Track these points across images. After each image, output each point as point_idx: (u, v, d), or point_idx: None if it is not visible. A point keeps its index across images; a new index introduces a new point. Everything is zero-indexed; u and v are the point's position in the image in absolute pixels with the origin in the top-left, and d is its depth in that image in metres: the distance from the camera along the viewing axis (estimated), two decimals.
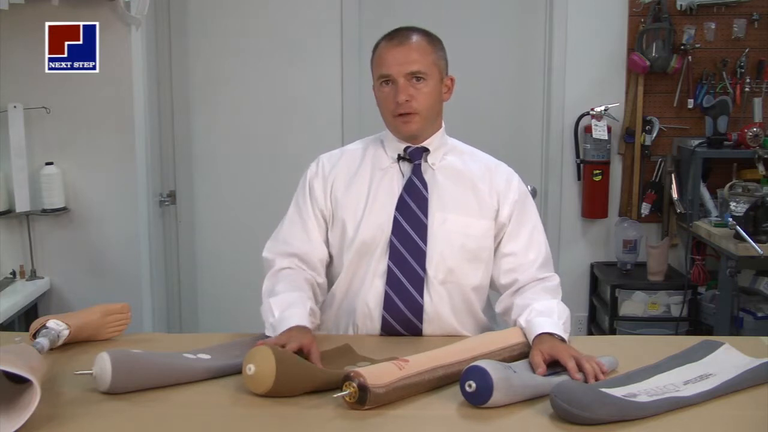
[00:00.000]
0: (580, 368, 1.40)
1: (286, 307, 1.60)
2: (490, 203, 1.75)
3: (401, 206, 1.71)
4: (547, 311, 1.59)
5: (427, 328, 1.71)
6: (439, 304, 1.71)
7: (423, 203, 1.72)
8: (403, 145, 1.76)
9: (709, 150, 3.44)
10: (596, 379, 1.38)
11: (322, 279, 1.78)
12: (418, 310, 1.70)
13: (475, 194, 1.75)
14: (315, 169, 1.81)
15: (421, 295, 1.70)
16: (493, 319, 1.82)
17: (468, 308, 1.75)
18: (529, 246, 1.75)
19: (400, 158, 1.77)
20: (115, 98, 2.81)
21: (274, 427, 1.24)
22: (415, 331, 1.72)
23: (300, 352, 1.44)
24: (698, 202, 3.45)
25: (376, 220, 1.72)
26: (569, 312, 1.64)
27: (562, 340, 1.51)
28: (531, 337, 1.54)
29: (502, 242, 1.76)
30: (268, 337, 1.58)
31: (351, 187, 1.76)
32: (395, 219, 1.71)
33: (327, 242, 1.79)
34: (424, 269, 1.70)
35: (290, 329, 1.53)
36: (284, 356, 1.31)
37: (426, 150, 1.76)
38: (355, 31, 3.61)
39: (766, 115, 3.56)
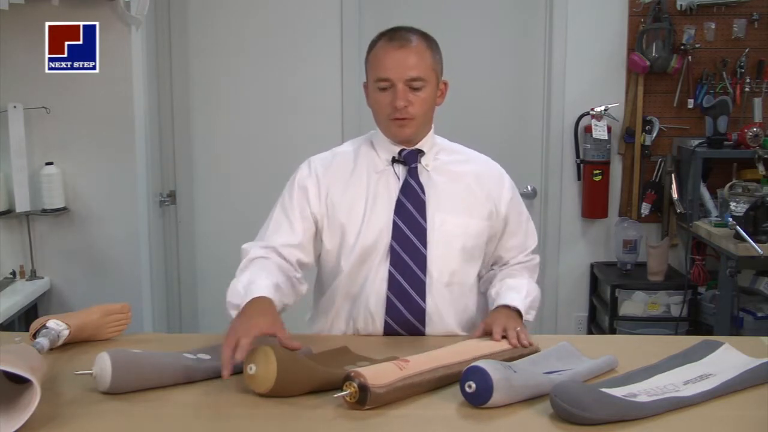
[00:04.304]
0: (505, 335, 1.53)
1: (248, 284, 1.52)
2: (485, 204, 1.77)
3: (399, 210, 1.70)
4: (517, 287, 1.71)
5: (429, 330, 1.72)
6: (441, 306, 1.72)
7: (421, 206, 1.71)
8: (397, 148, 1.75)
9: (709, 150, 3.44)
10: (522, 345, 1.52)
11: (299, 274, 1.71)
12: (420, 313, 1.70)
13: (469, 194, 1.77)
14: (308, 171, 1.76)
15: (424, 299, 1.70)
16: (481, 315, 1.82)
17: (466, 307, 1.77)
18: (526, 238, 1.86)
19: (394, 160, 1.76)
20: (115, 98, 2.80)
21: (274, 427, 1.24)
22: (417, 334, 1.71)
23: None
24: (698, 202, 3.45)
25: (377, 225, 1.70)
26: (539, 292, 1.79)
27: (519, 313, 1.64)
28: (493, 307, 1.68)
29: (504, 238, 1.82)
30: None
31: (348, 191, 1.73)
32: (394, 223, 1.70)
33: (315, 246, 1.75)
34: (425, 273, 1.69)
35: (251, 303, 1.45)
36: (285, 356, 1.31)
37: (420, 152, 1.76)
38: (355, 31, 3.61)
39: (766, 115, 3.56)
